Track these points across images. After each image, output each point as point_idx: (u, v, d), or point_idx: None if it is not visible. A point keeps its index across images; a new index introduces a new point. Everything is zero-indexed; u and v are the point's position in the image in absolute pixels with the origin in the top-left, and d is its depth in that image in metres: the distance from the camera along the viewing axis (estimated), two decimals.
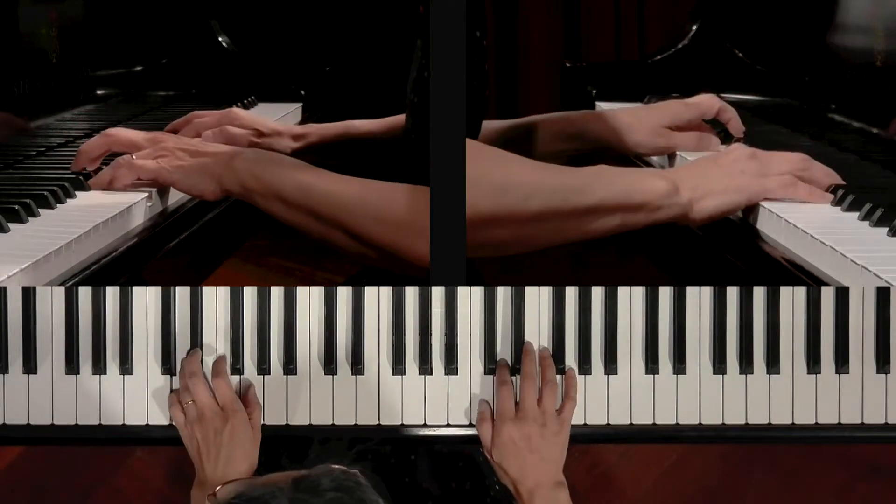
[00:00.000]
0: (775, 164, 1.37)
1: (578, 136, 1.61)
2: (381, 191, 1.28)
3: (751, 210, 1.37)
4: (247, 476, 1.39)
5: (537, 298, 1.50)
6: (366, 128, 1.66)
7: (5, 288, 1.47)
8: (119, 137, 1.45)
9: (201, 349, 1.48)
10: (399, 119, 1.62)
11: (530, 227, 1.26)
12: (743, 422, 1.49)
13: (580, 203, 1.27)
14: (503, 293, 1.50)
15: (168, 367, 1.47)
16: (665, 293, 1.50)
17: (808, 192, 1.36)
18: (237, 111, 1.69)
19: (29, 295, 1.47)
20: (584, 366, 1.49)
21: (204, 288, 1.49)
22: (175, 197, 1.49)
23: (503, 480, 1.42)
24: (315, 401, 1.48)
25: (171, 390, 1.47)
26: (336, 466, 1.01)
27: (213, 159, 1.37)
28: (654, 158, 1.66)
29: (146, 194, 1.42)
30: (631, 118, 1.62)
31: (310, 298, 1.49)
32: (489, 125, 1.57)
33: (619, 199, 1.28)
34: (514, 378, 1.47)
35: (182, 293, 1.49)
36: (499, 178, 1.24)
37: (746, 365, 1.49)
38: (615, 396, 1.49)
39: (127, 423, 1.48)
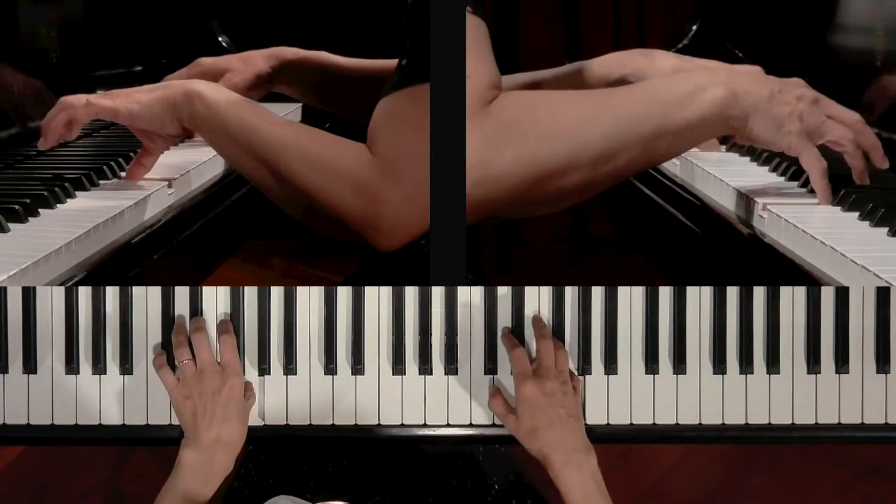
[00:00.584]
0: (830, 125, 1.33)
1: (617, 80, 1.53)
2: (319, 138, 1.28)
3: (751, 210, 1.37)
4: (237, 445, 1.38)
5: (537, 298, 1.50)
6: (345, 63, 1.69)
7: (5, 288, 1.47)
8: (71, 98, 1.46)
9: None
10: (383, 63, 1.64)
11: (598, 167, 1.20)
12: (743, 422, 1.49)
13: (639, 133, 1.21)
14: (503, 293, 1.50)
15: (169, 366, 1.47)
16: (665, 293, 1.50)
17: (823, 189, 1.34)
18: (203, 60, 1.71)
19: (29, 295, 1.47)
20: (584, 366, 1.49)
21: (204, 288, 1.49)
22: (175, 197, 1.49)
23: (531, 449, 1.37)
24: (315, 401, 1.48)
25: (161, 350, 1.47)
26: None
27: (170, 90, 1.40)
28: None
29: (146, 194, 1.42)
30: (677, 59, 1.55)
31: (310, 298, 1.49)
32: (509, 80, 1.53)
33: (678, 117, 1.23)
34: None
35: (182, 293, 1.49)
36: (549, 124, 1.19)
37: (746, 365, 1.49)
38: (615, 396, 1.49)
39: (127, 423, 1.48)
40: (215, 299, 1.49)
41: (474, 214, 1.19)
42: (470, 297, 1.49)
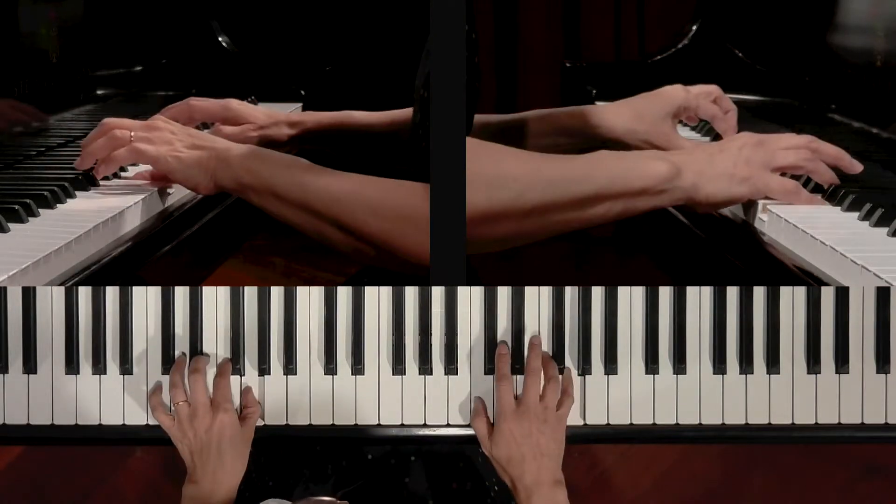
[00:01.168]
0: (781, 156, 1.35)
1: (578, 131, 1.59)
2: (378, 186, 1.28)
3: (751, 210, 1.37)
4: (236, 477, 1.39)
5: (537, 298, 1.50)
6: (364, 119, 1.66)
7: (5, 288, 1.47)
8: (115, 124, 1.44)
9: (201, 349, 1.48)
10: (398, 113, 1.62)
11: (530, 220, 1.24)
12: (743, 422, 1.49)
13: (579, 193, 1.25)
14: (503, 293, 1.50)
15: (168, 367, 1.47)
16: (665, 293, 1.50)
17: (809, 200, 1.36)
18: (233, 102, 1.68)
19: (29, 295, 1.47)
20: (584, 366, 1.49)
21: (204, 288, 1.49)
22: (174, 197, 1.49)
23: (501, 476, 1.41)
24: (315, 401, 1.48)
25: (153, 391, 1.47)
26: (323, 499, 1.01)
27: (209, 153, 1.37)
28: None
29: (146, 194, 1.42)
30: (630, 110, 1.59)
31: (310, 298, 1.49)
32: (481, 119, 1.56)
33: (620, 185, 1.27)
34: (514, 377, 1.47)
35: (182, 293, 1.49)
36: (492, 173, 1.22)
37: (746, 365, 1.49)
38: (615, 396, 1.49)
39: (127, 423, 1.48)
40: (215, 299, 1.49)
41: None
42: (470, 297, 1.49)
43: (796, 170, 1.37)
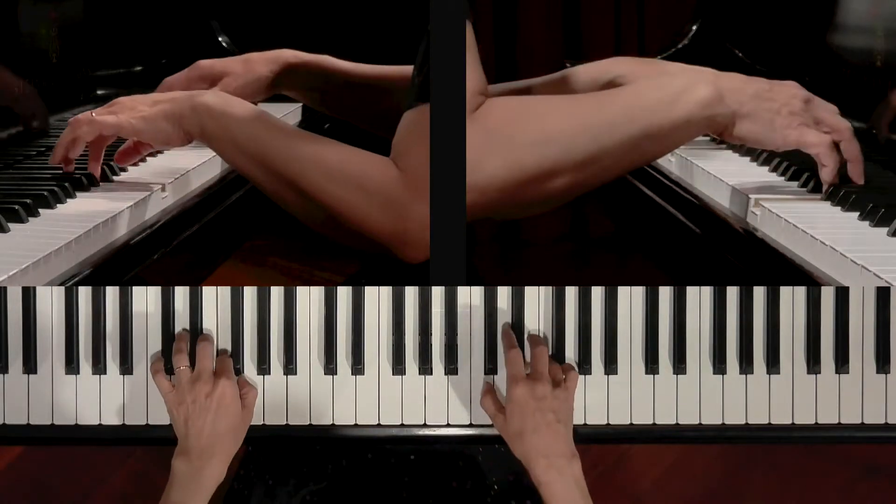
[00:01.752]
0: (825, 119, 1.34)
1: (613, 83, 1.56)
2: (339, 151, 1.26)
3: (750, 210, 1.37)
4: (228, 454, 1.37)
5: (537, 298, 1.50)
6: (345, 67, 1.66)
7: (5, 288, 1.47)
8: (81, 117, 1.45)
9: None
10: (378, 68, 1.62)
11: (584, 170, 1.21)
12: (743, 422, 1.49)
13: (626, 134, 1.22)
14: (503, 293, 1.50)
15: (168, 367, 1.47)
16: (665, 293, 1.50)
17: (833, 166, 1.35)
18: (202, 63, 1.69)
19: (29, 295, 1.47)
20: (584, 366, 1.49)
21: (204, 288, 1.49)
22: (174, 197, 1.49)
23: (516, 451, 1.38)
24: (315, 401, 1.48)
25: (159, 355, 1.47)
26: None
27: (172, 104, 1.37)
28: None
29: (146, 195, 1.42)
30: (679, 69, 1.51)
31: (310, 298, 1.49)
32: (500, 87, 1.54)
33: (663, 117, 1.24)
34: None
35: (182, 293, 1.49)
36: (535, 132, 1.19)
37: (746, 365, 1.49)
38: (615, 396, 1.49)
39: (127, 423, 1.48)
40: (215, 299, 1.49)
41: None
42: (470, 297, 1.49)
43: (820, 143, 1.35)
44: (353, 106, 1.69)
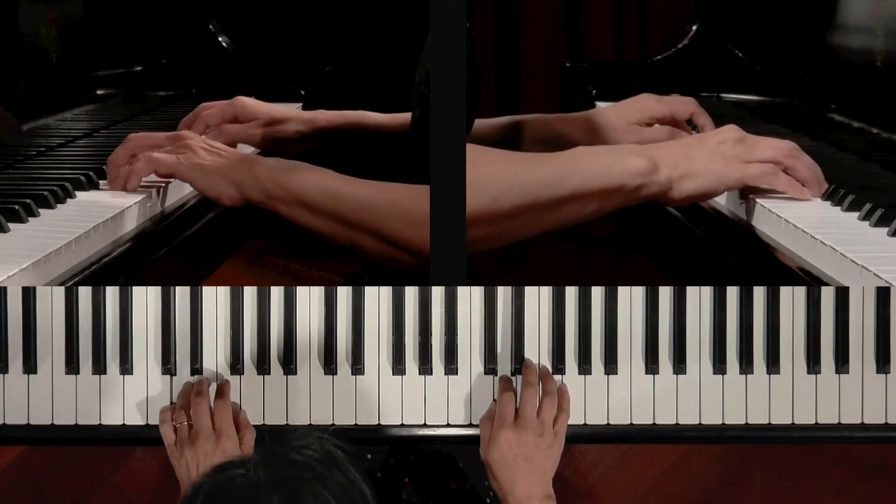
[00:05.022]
0: (761, 150, 1.34)
1: (553, 139, 1.58)
2: (410, 192, 1.27)
3: (750, 209, 1.37)
4: None
5: (537, 298, 1.50)
6: (377, 120, 1.65)
7: (5, 288, 1.47)
8: (140, 140, 1.44)
9: (201, 349, 1.48)
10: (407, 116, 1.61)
11: (506, 223, 1.24)
12: (743, 422, 1.49)
13: (556, 194, 1.24)
14: (503, 293, 1.50)
15: (168, 367, 1.47)
16: (665, 293, 1.50)
17: (787, 183, 1.34)
18: (243, 100, 1.68)
19: (29, 295, 1.47)
20: (584, 366, 1.49)
21: (204, 288, 1.49)
22: (174, 197, 1.49)
23: (492, 484, 1.41)
24: (315, 401, 1.48)
25: (168, 405, 1.47)
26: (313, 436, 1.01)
27: (233, 163, 1.36)
28: None
29: (145, 195, 1.42)
30: (601, 118, 1.58)
31: (310, 298, 1.49)
32: (479, 123, 1.56)
33: (596, 184, 1.26)
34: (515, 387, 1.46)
35: (182, 293, 1.49)
36: (469, 178, 1.21)
37: (746, 365, 1.49)
38: (615, 396, 1.49)
39: (127, 423, 1.48)
40: (215, 299, 1.49)
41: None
42: (470, 297, 1.49)
43: (775, 165, 1.35)
44: (380, 153, 1.68)
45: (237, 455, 1.39)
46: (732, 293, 1.50)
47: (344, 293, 1.49)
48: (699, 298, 1.50)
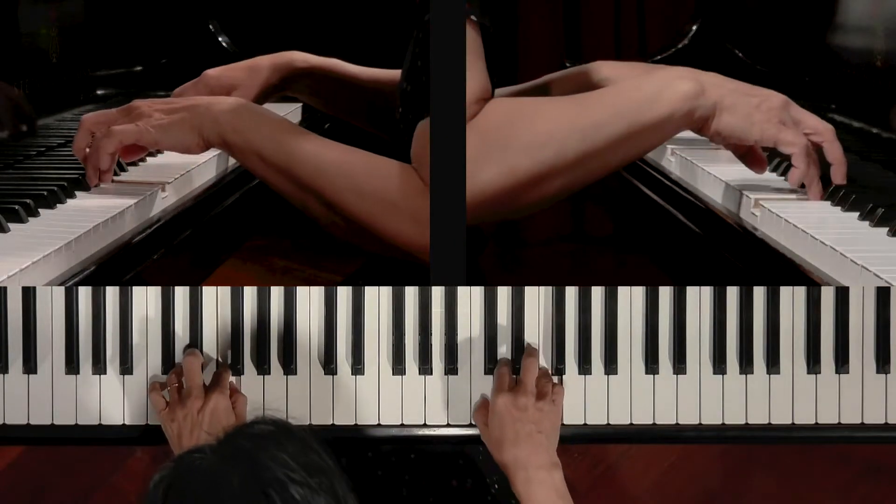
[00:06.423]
0: (805, 119, 1.36)
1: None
2: (363, 161, 1.26)
3: (750, 209, 1.37)
4: None
5: (537, 298, 1.50)
6: (352, 71, 1.65)
7: (5, 288, 1.47)
8: (92, 118, 1.43)
9: (201, 349, 1.48)
10: (384, 72, 1.62)
11: (575, 170, 1.23)
12: (743, 422, 1.49)
13: (614, 133, 1.24)
14: (503, 293, 1.50)
15: (168, 367, 1.47)
16: (665, 293, 1.50)
17: (811, 176, 1.35)
18: (210, 73, 1.68)
19: (29, 295, 1.47)
20: (584, 366, 1.49)
21: (204, 288, 1.49)
22: (174, 197, 1.49)
23: (498, 460, 1.39)
24: (315, 401, 1.48)
25: (156, 376, 1.47)
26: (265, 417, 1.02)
27: (190, 112, 1.36)
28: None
29: (146, 194, 1.42)
30: (640, 66, 1.57)
31: (310, 298, 1.49)
32: (501, 92, 1.55)
33: (647, 115, 1.26)
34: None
35: (182, 293, 1.49)
36: (527, 136, 1.21)
37: (746, 365, 1.49)
38: (615, 396, 1.49)
39: (127, 423, 1.48)
40: (215, 299, 1.49)
41: None
42: (470, 297, 1.49)
43: (797, 143, 1.36)
44: (360, 109, 1.69)
45: (229, 415, 1.39)
46: (732, 293, 1.50)
47: (344, 293, 1.49)
48: (699, 298, 1.50)
